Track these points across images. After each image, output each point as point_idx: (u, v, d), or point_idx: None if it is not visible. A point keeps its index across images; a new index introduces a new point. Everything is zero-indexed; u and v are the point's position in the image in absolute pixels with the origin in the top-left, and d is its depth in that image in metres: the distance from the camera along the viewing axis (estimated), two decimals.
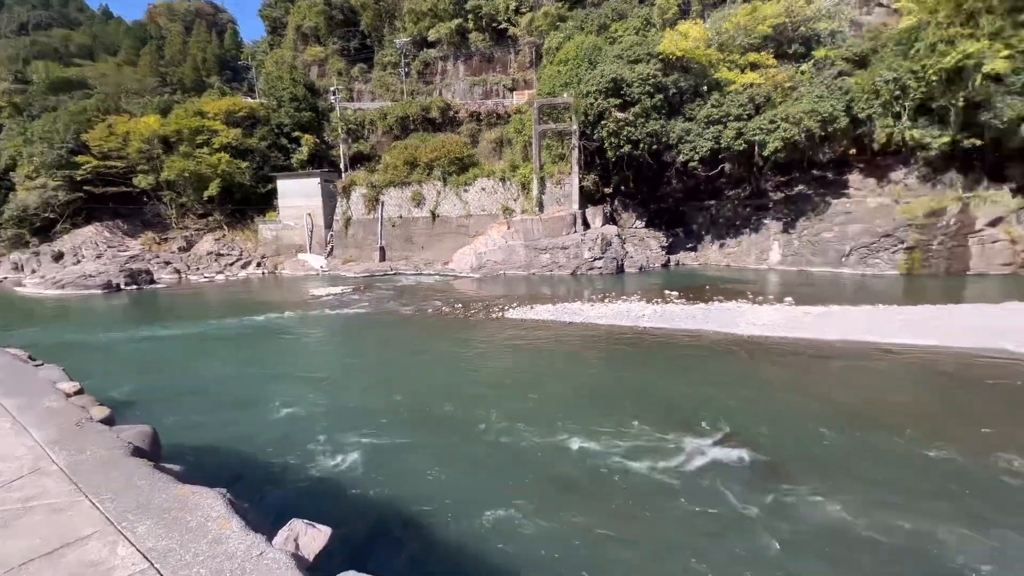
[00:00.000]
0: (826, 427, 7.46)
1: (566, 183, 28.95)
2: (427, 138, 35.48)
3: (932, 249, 22.01)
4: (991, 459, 6.30)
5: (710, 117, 25.71)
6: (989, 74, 19.95)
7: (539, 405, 8.85)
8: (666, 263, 28.14)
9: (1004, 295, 16.15)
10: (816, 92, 24.38)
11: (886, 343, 11.49)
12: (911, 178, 23.97)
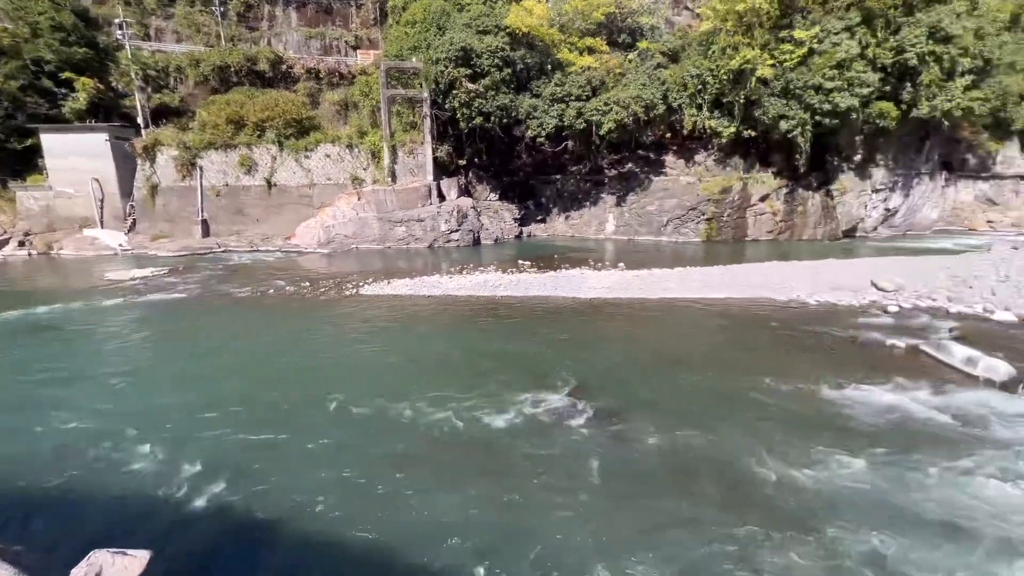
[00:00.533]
0: (650, 371, 8.81)
1: (419, 153, 28.12)
2: (254, 94, 30.86)
3: (723, 220, 27.02)
4: (759, 380, 8.15)
5: (554, 95, 27.22)
6: (760, 78, 24.72)
7: (398, 381, 8.70)
8: (519, 234, 29.54)
9: (768, 256, 20.70)
10: (640, 80, 27.45)
11: (692, 298, 13.91)
12: (709, 161, 28.81)
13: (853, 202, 28.12)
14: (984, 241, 24.04)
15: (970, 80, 25.15)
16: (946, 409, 6.91)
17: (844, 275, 15.69)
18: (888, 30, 24.61)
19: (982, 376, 7.90)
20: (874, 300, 12.87)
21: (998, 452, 5.82)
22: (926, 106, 24.95)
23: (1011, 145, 33.56)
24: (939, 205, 31.58)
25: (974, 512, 4.88)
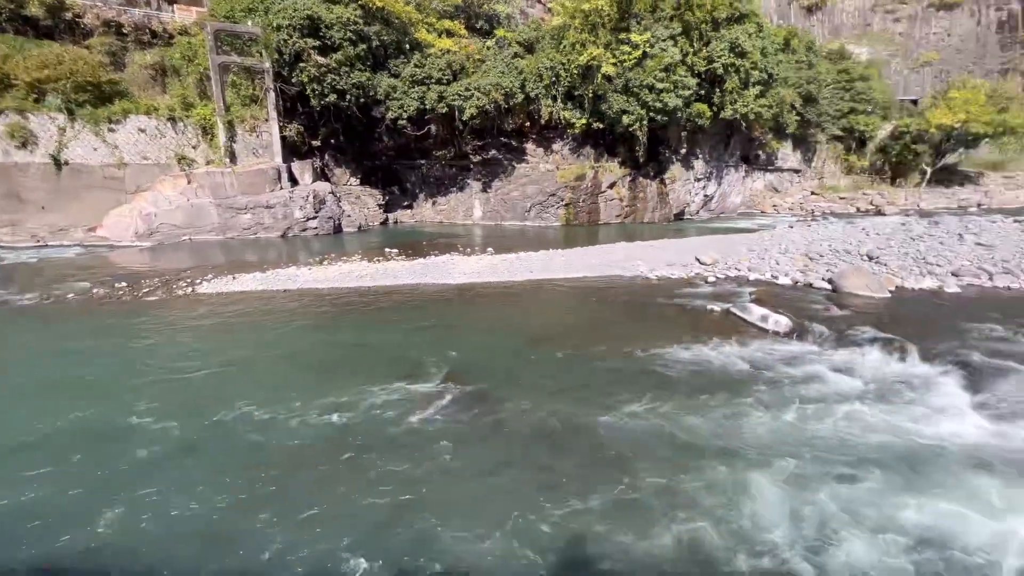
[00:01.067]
0: (519, 350, 9.28)
1: (263, 131, 25.13)
2: (24, 44, 24.30)
3: (579, 205, 29.33)
4: (611, 348, 9.13)
5: (414, 77, 26.45)
6: (605, 75, 27.14)
7: (247, 388, 7.82)
8: (384, 221, 28.41)
9: (617, 237, 23.09)
10: (499, 68, 28.10)
11: (555, 279, 14.93)
12: (565, 150, 30.91)
13: (681, 189, 32.69)
14: (771, 221, 30.02)
15: (759, 90, 30.79)
16: (747, 358, 8.55)
17: (676, 252, 18.27)
18: (701, 42, 28.79)
19: (771, 329, 9.92)
20: (698, 272, 15.24)
21: (779, 388, 7.40)
22: (730, 109, 29.90)
23: (787, 144, 42.11)
24: (741, 192, 38.39)
25: (753, 437, 6.16)
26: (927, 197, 40.84)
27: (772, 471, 5.42)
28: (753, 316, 10.51)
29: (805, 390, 7.29)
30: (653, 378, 7.94)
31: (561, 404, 7.13)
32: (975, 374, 7.50)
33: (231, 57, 24.28)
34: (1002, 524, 4.56)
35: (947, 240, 17.62)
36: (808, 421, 6.45)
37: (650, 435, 6.28)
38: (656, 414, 6.76)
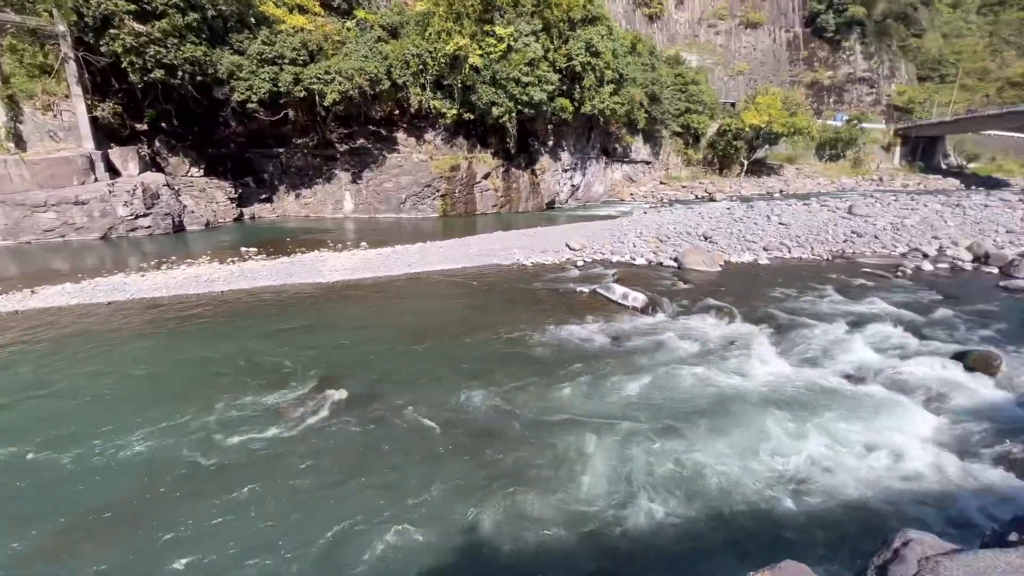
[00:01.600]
0: (400, 346, 9.04)
1: (64, 110, 20.55)
2: None
3: (456, 196, 29.31)
4: (492, 335, 9.38)
5: (263, 55, 23.76)
6: (473, 65, 27.29)
7: (70, 421, 6.47)
8: (239, 217, 25.33)
9: (494, 227, 23.63)
10: (362, 52, 26.56)
11: (434, 271, 14.78)
12: (438, 140, 30.53)
13: (551, 179, 34.50)
14: (629, 208, 33.25)
15: (613, 88, 33.64)
16: (611, 333, 9.45)
17: (549, 240, 19.31)
18: (560, 39, 30.46)
19: (631, 305, 11.07)
20: (568, 258, 16.31)
21: (635, 357, 8.32)
22: (588, 105, 32.21)
23: (638, 139, 46.77)
24: (603, 182, 41.79)
25: (606, 406, 6.90)
26: (746, 185, 48.86)
27: (612, 435, 6.03)
28: (616, 295, 11.61)
29: (657, 357, 8.30)
30: (528, 359, 8.35)
31: (436, 395, 7.13)
32: (780, 329, 9.26)
33: (6, 15, 19.24)
34: (796, 444, 5.73)
35: (759, 221, 21.28)
36: (656, 384, 7.35)
37: (513, 414, 6.58)
38: (525, 393, 7.12)
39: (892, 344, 8.48)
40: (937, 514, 4.51)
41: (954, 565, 1.81)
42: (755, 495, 4.89)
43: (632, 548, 4.37)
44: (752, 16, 74.04)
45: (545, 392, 7.15)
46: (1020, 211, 22.54)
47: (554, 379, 7.54)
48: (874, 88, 73.94)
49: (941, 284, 12.41)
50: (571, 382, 7.42)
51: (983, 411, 6.28)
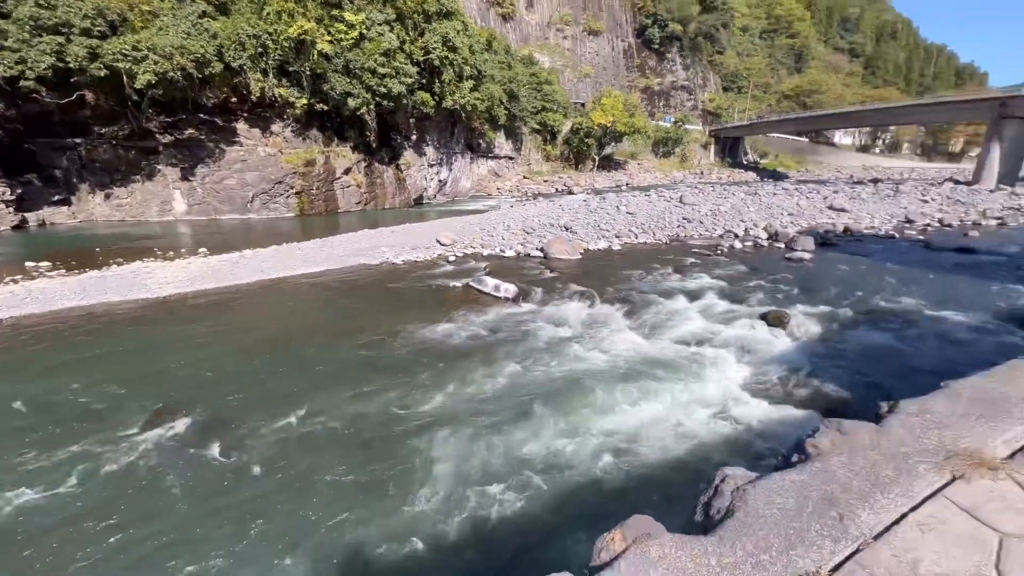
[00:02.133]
0: (254, 363, 8.10)
1: None
2: None
3: (313, 193, 27.10)
4: (363, 339, 8.93)
5: (40, 21, 19.05)
6: (322, 52, 25.34)
7: None
8: (21, 224, 20.18)
9: (360, 225, 22.44)
10: (182, 27, 22.87)
11: (293, 275, 13.51)
12: (288, 132, 27.80)
13: (417, 175, 33.85)
14: (496, 202, 34.21)
15: (472, 84, 34.12)
16: (484, 325, 9.67)
17: (418, 236, 18.96)
18: (416, 31, 29.89)
19: (503, 296, 11.44)
20: (440, 254, 16.21)
21: (507, 346, 8.66)
22: (450, 99, 32.24)
23: (501, 135, 48.25)
24: (470, 177, 42.32)
25: (473, 401, 7.14)
26: (598, 179, 53.65)
27: (471, 430, 6.12)
28: (488, 287, 11.88)
29: (527, 344, 8.73)
30: (396, 361, 8.14)
31: (289, 412, 6.55)
32: (633, 306, 10.40)
33: None
34: (639, 409, 6.53)
35: (611, 212, 23.54)
36: (526, 371, 7.73)
37: (374, 423, 6.34)
38: (388, 398, 6.88)
39: (716, 311, 10.10)
40: (749, 448, 5.53)
41: (756, 491, 2.24)
42: (602, 464, 5.42)
43: (481, 541, 4.49)
44: (593, 24, 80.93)
45: (411, 395, 7.02)
46: (796, 198, 28.45)
47: (422, 379, 7.45)
48: (692, 95, 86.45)
49: (748, 258, 15.12)
50: (440, 380, 7.41)
51: (779, 358, 7.84)
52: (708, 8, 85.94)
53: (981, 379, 3.72)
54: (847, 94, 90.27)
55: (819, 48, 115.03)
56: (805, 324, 9.12)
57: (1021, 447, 2.81)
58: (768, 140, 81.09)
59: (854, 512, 2.18)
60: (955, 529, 2.11)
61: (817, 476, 2.45)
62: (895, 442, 2.79)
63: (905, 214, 22.99)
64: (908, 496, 2.31)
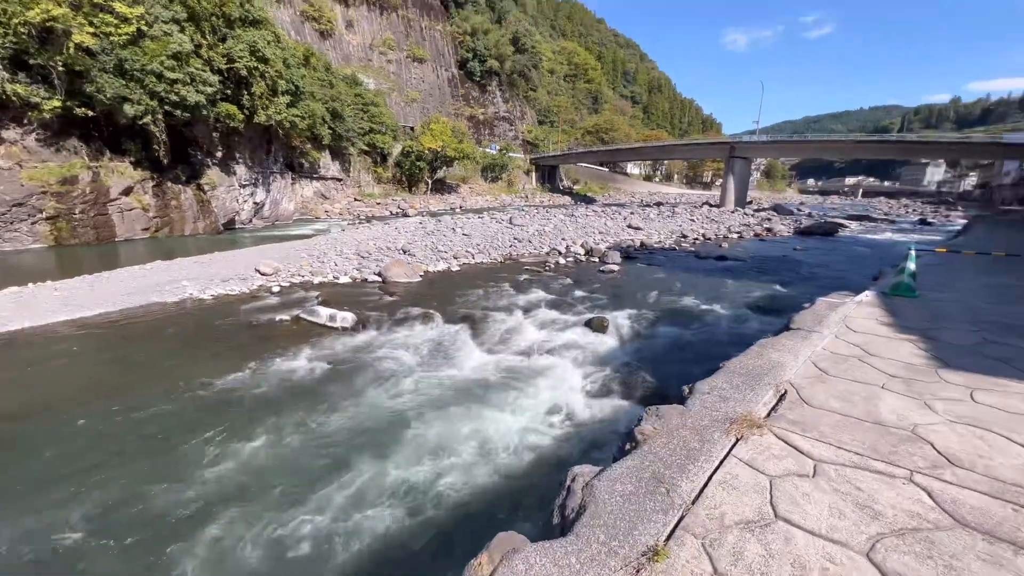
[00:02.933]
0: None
1: None
2: None
3: (76, 218, 21.54)
4: (169, 394, 7.31)
5: None
6: (81, 45, 20.55)
7: None
8: None
9: (151, 256, 18.57)
10: None
11: (48, 324, 10.41)
12: (30, 140, 21.68)
13: (225, 196, 29.63)
14: (326, 226, 31.96)
15: (289, 99, 31.55)
16: (321, 359, 8.84)
17: (232, 266, 16.51)
18: (216, 36, 26.46)
19: (340, 326, 10.62)
20: (261, 284, 14.35)
21: (350, 380, 8.07)
22: (263, 115, 29.25)
23: (326, 155, 45.51)
24: (293, 199, 38.78)
25: (310, 450, 6.59)
26: (432, 201, 54.33)
27: (290, 484, 5.82)
28: (322, 317, 10.92)
29: (370, 374, 8.24)
30: (214, 413, 6.91)
31: (20, 511, 5.06)
32: (474, 323, 10.68)
33: None
34: (488, 424, 6.74)
35: (448, 233, 24.00)
36: (370, 401, 7.32)
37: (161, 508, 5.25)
38: (176, 473, 5.77)
39: (549, 321, 11.01)
40: (593, 445, 6.11)
41: (601, 483, 2.46)
42: (460, 488, 5.39)
43: None
44: (416, 52, 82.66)
45: (232, 451, 6.01)
46: (603, 218, 33.02)
47: (250, 429, 6.44)
48: (513, 126, 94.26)
49: (571, 272, 16.93)
50: (274, 428, 6.51)
51: (605, 359, 8.89)
52: (520, 49, 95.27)
53: (743, 357, 4.78)
54: (633, 133, 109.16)
55: (609, 93, 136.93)
56: (621, 326, 10.55)
57: (773, 406, 3.67)
58: (578, 169, 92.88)
59: (676, 484, 2.55)
60: (743, 481, 2.63)
61: (646, 459, 2.82)
62: (696, 417, 3.37)
63: (681, 230, 28.60)
64: (710, 461, 2.80)
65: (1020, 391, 4.07)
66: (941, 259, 12.87)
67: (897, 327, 6.02)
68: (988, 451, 3.06)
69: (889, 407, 3.69)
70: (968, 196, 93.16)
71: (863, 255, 22.39)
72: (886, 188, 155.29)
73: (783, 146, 63.17)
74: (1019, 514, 2.42)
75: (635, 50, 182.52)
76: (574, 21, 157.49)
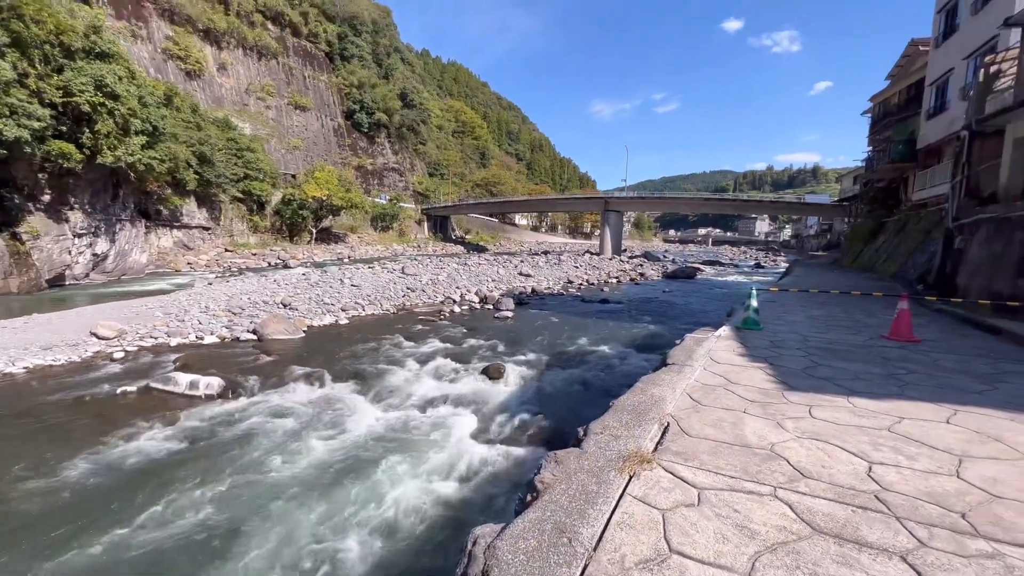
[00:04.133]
0: None
1: None
2: None
3: None
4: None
5: None
6: None
7: None
8: None
9: None
10: None
11: None
12: None
13: (54, 247, 24.95)
14: (189, 279, 28.31)
15: (146, 140, 28.25)
16: (181, 435, 7.51)
17: (57, 330, 13.67)
18: (50, 67, 23.10)
19: (203, 394, 9.22)
20: (98, 351, 12.02)
21: (216, 457, 6.96)
22: (110, 155, 25.74)
23: (191, 201, 41.13)
24: (147, 250, 33.98)
25: (169, 545, 5.59)
26: (317, 252, 51.38)
27: None
28: (180, 386, 9.40)
29: (245, 446, 7.20)
30: (31, 519, 5.44)
31: None
32: (366, 380, 10.01)
33: None
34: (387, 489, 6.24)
35: (335, 285, 22.72)
36: (243, 480, 6.36)
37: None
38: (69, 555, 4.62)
39: (445, 371, 10.74)
40: (495, 499, 5.90)
41: (503, 543, 2.35)
42: (355, 558, 4.88)
43: None
44: (299, 100, 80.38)
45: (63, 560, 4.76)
46: (496, 267, 34.00)
47: (88, 533, 5.17)
48: (403, 177, 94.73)
49: (466, 320, 16.91)
50: (117, 523, 5.29)
51: (503, 406, 8.84)
52: (409, 105, 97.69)
53: (630, 394, 5.08)
54: (519, 187, 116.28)
55: (496, 150, 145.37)
56: (518, 371, 10.67)
57: (659, 440, 3.90)
58: (469, 219, 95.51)
59: (577, 532, 2.53)
60: (638, 519, 2.70)
61: (547, 509, 2.77)
62: (592, 459, 3.44)
63: (567, 277, 30.49)
64: (608, 503, 2.85)
65: (844, 405, 4.86)
66: (774, 296, 15.33)
67: (749, 356, 6.92)
68: (829, 461, 3.55)
69: (752, 429, 4.14)
70: (787, 244, 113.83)
71: (718, 295, 25.84)
72: (729, 238, 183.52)
73: (648, 201, 72.17)
74: (857, 514, 2.81)
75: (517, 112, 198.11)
76: (460, 83, 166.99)
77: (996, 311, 10.68)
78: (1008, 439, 4.03)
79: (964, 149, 14.78)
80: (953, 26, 22.07)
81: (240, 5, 74.63)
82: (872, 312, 11.88)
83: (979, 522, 2.75)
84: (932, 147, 24.35)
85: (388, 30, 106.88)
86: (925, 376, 6.05)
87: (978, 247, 13.06)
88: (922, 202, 24.39)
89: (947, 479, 3.30)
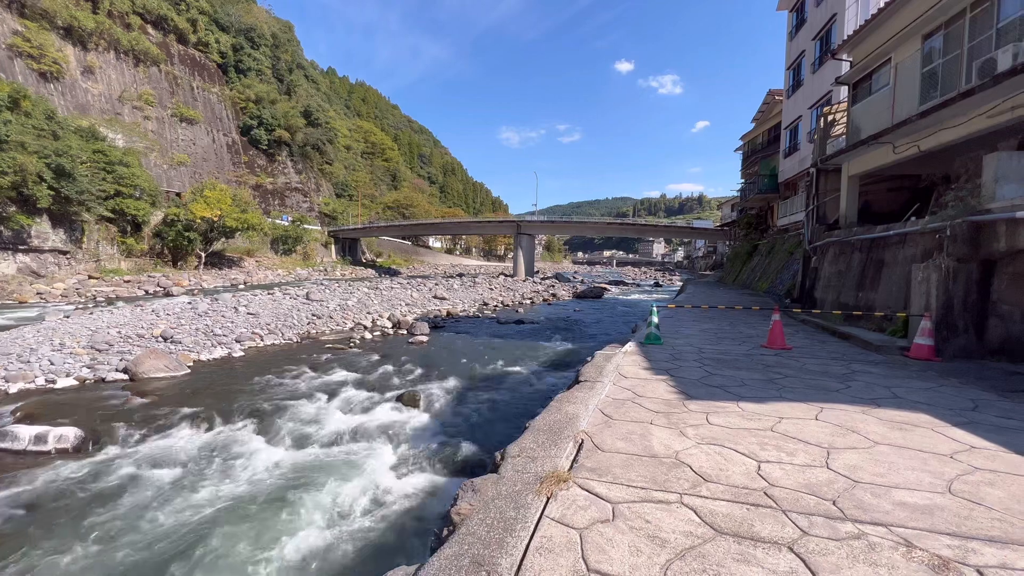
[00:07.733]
0: None
1: None
2: None
3: None
4: None
5: None
6: None
7: None
8: None
9: None
10: None
11: None
12: None
13: None
14: (38, 312, 23.97)
15: None
16: (21, 500, 6.18)
17: None
18: None
19: (54, 448, 7.72)
20: None
21: (72, 521, 5.84)
22: None
23: (43, 221, 35.30)
24: None
25: None
26: (207, 278, 46.35)
27: None
28: (22, 441, 7.80)
29: (108, 508, 6.11)
30: None
31: None
32: (265, 418, 9.07)
33: None
34: (297, 531, 5.66)
35: (227, 313, 20.61)
36: (113, 546, 5.39)
37: None
38: None
39: (356, 402, 10.11)
40: (410, 536, 5.56)
41: None
42: None
43: None
44: (185, 111, 73.45)
45: None
46: (409, 290, 33.18)
47: None
48: (307, 197, 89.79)
49: (378, 347, 16.17)
50: None
51: (419, 435, 8.48)
52: (313, 123, 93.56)
53: (545, 414, 5.13)
54: (433, 210, 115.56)
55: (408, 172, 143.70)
56: (434, 397, 10.35)
57: (574, 457, 3.96)
58: (380, 242, 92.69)
59: (496, 564, 2.44)
60: (557, 542, 2.68)
61: (464, 542, 2.65)
62: (510, 483, 3.39)
63: (482, 299, 30.61)
64: (526, 528, 2.80)
65: (735, 411, 5.34)
66: (672, 312, 16.66)
67: (653, 370, 7.39)
68: (725, 464, 3.85)
69: (658, 439, 4.38)
70: (681, 265, 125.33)
71: (623, 312, 27.51)
72: (631, 259, 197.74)
73: (558, 225, 75.56)
74: (751, 511, 3.06)
75: (429, 135, 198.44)
76: (369, 103, 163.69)
77: (846, 319, 12.58)
78: (861, 429, 4.69)
79: (813, 183, 17.49)
80: (799, 80, 26.33)
81: (113, 5, 66.96)
82: (752, 324, 13.37)
83: (846, 507, 3.13)
84: (790, 181, 28.55)
85: (290, 45, 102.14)
86: (796, 379, 6.88)
87: (828, 266, 15.39)
88: (784, 228, 28.34)
89: (820, 470, 3.72)
